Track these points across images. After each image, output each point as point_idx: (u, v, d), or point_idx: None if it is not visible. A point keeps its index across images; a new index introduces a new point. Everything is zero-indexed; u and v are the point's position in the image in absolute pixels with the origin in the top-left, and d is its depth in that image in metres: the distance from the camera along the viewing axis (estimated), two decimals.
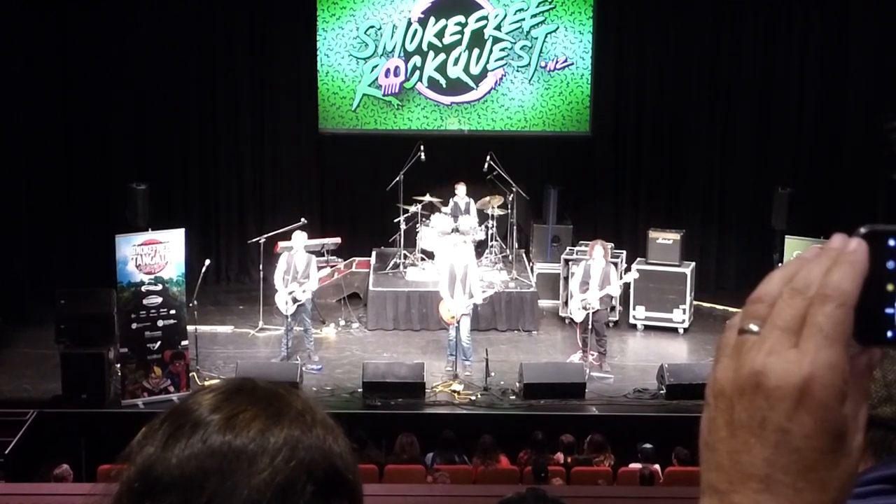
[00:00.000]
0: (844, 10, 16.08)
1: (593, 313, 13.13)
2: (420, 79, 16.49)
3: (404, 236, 15.36)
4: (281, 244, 13.85)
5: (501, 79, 16.54)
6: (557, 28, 16.44)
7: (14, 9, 14.95)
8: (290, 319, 13.13)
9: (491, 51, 16.44)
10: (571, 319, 13.95)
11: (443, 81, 16.50)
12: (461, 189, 15.38)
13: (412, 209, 15.23)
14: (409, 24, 16.30)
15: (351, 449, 1.24)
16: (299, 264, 13.07)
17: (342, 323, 14.71)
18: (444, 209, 15.46)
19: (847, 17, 16.06)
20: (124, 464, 1.20)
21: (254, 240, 14.55)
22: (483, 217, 15.40)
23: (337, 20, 16.36)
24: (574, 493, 8.18)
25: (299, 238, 13.27)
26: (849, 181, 15.71)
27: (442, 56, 16.42)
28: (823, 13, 16.19)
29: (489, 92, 16.56)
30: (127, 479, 1.18)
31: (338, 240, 15.10)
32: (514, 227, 15.73)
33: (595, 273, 13.18)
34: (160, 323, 12.14)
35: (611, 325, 14.22)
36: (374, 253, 15.98)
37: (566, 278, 14.69)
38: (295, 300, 13.00)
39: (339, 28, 16.38)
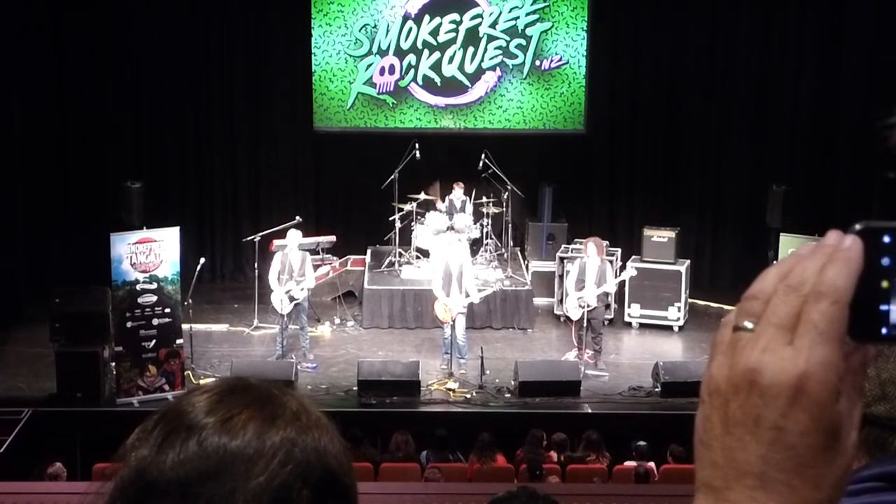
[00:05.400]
0: (840, 6, 16.08)
1: (590, 311, 13.13)
2: (415, 77, 16.48)
3: (399, 234, 15.35)
4: (276, 242, 13.85)
5: (499, 80, 16.53)
6: (552, 26, 16.44)
7: (11, 7, 14.91)
8: (284, 318, 13.12)
9: (486, 49, 16.43)
10: (567, 317, 13.93)
11: (438, 80, 16.48)
12: (458, 189, 15.39)
13: (407, 207, 15.23)
14: (404, 22, 16.29)
15: (346, 449, 1.23)
16: (294, 263, 13.06)
17: (337, 321, 14.70)
18: (439, 205, 15.47)
19: (842, 14, 16.07)
20: (118, 464, 1.19)
21: (249, 238, 14.56)
22: (478, 215, 15.40)
23: (327, 17, 16.34)
24: (569, 490, 8.20)
25: (294, 236, 13.26)
26: (844, 178, 15.71)
27: (437, 54, 16.41)
28: (819, 10, 16.19)
29: (486, 94, 16.55)
30: (121, 483, 1.17)
31: (333, 238, 15.10)
32: (510, 225, 15.74)
33: (591, 271, 13.17)
34: (155, 321, 12.12)
35: (606, 322, 14.21)
36: (369, 251, 15.97)
37: (561, 276, 14.68)
38: (291, 298, 12.99)
39: (332, 25, 16.36)
